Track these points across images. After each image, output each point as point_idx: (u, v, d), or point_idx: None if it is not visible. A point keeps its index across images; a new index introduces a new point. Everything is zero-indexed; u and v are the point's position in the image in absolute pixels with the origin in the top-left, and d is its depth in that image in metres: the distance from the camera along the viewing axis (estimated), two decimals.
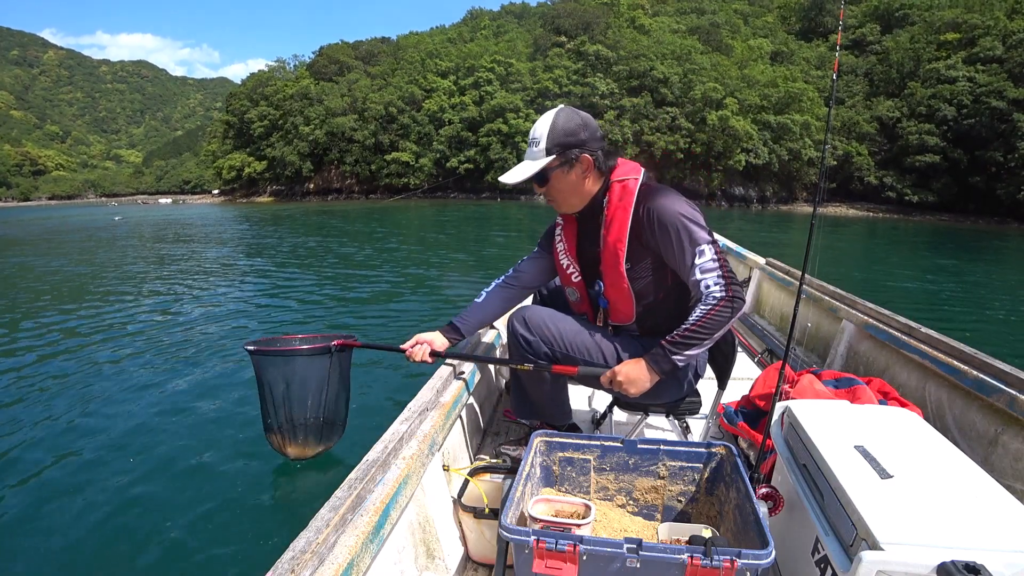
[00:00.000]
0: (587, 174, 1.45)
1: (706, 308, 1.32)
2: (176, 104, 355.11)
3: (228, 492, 3.16)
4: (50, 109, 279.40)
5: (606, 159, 1.46)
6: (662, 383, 1.47)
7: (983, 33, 41.56)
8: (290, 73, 72.17)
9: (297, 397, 2.05)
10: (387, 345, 1.87)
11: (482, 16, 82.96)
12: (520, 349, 1.56)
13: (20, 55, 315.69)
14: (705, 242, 1.34)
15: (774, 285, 3.57)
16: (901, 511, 0.93)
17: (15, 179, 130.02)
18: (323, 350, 1.94)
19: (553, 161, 1.42)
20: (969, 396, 1.71)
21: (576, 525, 1.14)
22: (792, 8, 62.67)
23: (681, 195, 1.43)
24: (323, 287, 9.63)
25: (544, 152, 1.42)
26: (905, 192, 41.79)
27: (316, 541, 0.92)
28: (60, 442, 3.88)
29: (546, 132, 1.41)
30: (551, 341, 1.53)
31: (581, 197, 1.49)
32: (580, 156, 1.41)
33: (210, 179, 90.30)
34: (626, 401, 1.63)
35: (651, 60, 49.32)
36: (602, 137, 1.46)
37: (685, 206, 1.38)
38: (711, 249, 1.33)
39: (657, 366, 1.38)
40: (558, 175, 1.45)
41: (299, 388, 2.03)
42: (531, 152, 1.45)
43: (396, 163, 55.29)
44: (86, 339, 6.52)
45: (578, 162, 1.42)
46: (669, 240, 1.36)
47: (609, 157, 1.47)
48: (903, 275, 12.01)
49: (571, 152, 1.40)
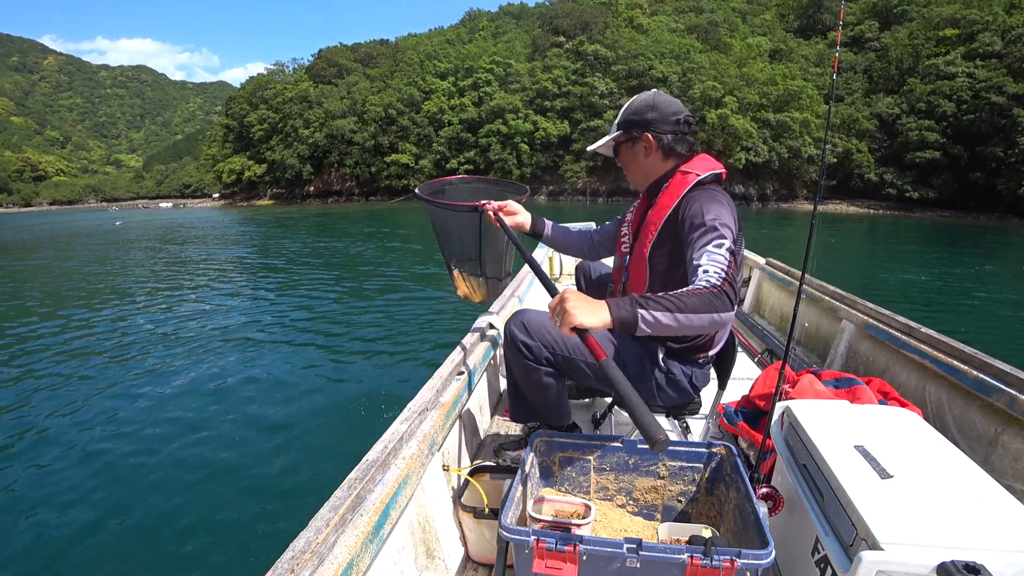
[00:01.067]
0: (650, 153, 1.52)
1: (692, 287, 1.21)
2: (176, 108, 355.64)
3: (228, 492, 3.16)
4: (50, 115, 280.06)
5: (677, 144, 1.50)
6: (654, 385, 1.50)
7: (982, 29, 41.52)
8: (289, 76, 72.36)
9: (456, 241, 2.06)
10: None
11: (480, 17, 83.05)
12: (520, 356, 1.54)
13: (20, 61, 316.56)
14: (727, 240, 1.30)
15: (774, 285, 3.57)
16: (901, 511, 0.93)
17: (16, 185, 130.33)
18: (471, 208, 1.89)
19: (620, 136, 1.55)
20: (969, 396, 1.71)
21: (576, 525, 1.13)
22: (790, 6, 62.68)
23: (731, 206, 1.40)
24: (326, 285, 9.64)
25: (616, 127, 1.56)
26: (905, 189, 41.75)
27: (316, 541, 0.92)
28: (55, 443, 3.88)
29: (622, 110, 1.56)
30: (552, 344, 1.52)
31: (645, 174, 1.57)
32: (643, 135, 1.50)
33: (210, 183, 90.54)
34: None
35: (650, 59, 49.37)
36: (677, 123, 1.48)
37: (725, 213, 1.36)
38: (728, 250, 1.28)
39: (616, 309, 1.16)
40: (625, 149, 1.57)
41: (457, 234, 2.04)
42: (613, 127, 1.60)
43: (396, 165, 55.38)
44: (109, 338, 6.54)
45: (641, 140, 1.51)
46: (693, 229, 1.35)
47: (679, 143, 1.50)
48: (903, 273, 12.00)
49: (635, 130, 1.51)
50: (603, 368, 1.09)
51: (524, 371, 1.55)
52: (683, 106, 1.53)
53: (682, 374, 1.53)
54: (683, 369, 1.54)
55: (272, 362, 5.58)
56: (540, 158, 50.99)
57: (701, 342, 1.52)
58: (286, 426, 4.03)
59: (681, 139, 1.49)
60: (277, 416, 4.21)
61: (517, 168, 51.04)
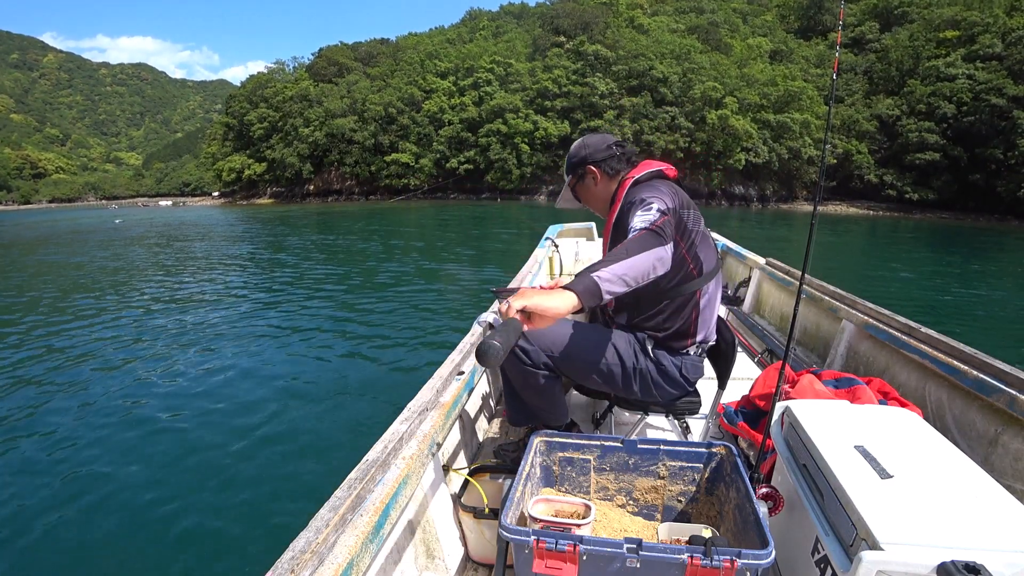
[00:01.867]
0: (598, 180, 1.66)
1: (628, 238, 1.30)
2: (176, 107, 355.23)
3: (228, 492, 3.16)
4: (50, 112, 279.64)
5: (616, 164, 1.63)
6: (637, 383, 1.55)
7: (982, 30, 41.53)
8: (289, 75, 72.20)
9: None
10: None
11: (481, 17, 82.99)
12: (518, 361, 1.54)
13: (20, 58, 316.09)
14: (655, 205, 1.37)
15: (774, 285, 3.57)
16: (901, 511, 0.93)
17: (15, 182, 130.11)
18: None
19: (571, 180, 1.71)
20: (969, 396, 1.71)
21: (576, 525, 1.13)
22: (791, 7, 62.64)
23: (670, 190, 1.48)
24: (326, 284, 9.64)
25: (566, 176, 1.73)
26: (905, 190, 41.77)
27: (316, 541, 0.92)
28: (51, 440, 3.88)
29: (565, 161, 1.73)
30: (550, 347, 1.53)
31: (602, 199, 1.69)
32: (586, 168, 1.65)
33: (210, 181, 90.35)
34: (588, 387, 1.69)
35: (650, 60, 49.34)
36: (609, 147, 1.63)
37: (658, 194, 1.43)
38: (658, 210, 1.35)
39: (576, 284, 1.16)
40: (580, 189, 1.71)
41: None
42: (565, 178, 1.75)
43: (396, 164, 55.32)
44: (119, 329, 6.53)
45: (587, 174, 1.66)
46: (630, 212, 1.41)
47: (618, 160, 1.63)
48: (901, 273, 12.01)
49: (579, 169, 1.67)
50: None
51: (522, 375, 1.56)
52: (611, 135, 1.68)
53: (672, 365, 1.57)
54: (672, 360, 1.57)
55: (272, 362, 5.58)
56: (540, 158, 50.96)
57: (682, 328, 1.55)
58: (285, 426, 4.03)
59: (618, 159, 1.63)
60: (276, 416, 4.20)
61: (517, 168, 51.02)
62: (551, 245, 4.59)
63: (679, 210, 1.46)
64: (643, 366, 1.56)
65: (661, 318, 1.55)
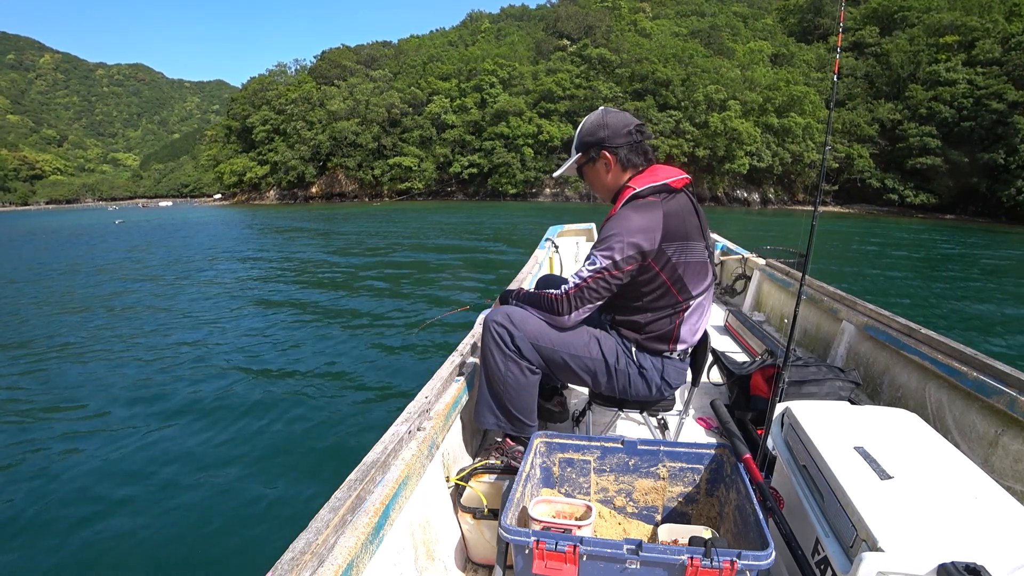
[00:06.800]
0: (610, 169, 1.60)
1: (553, 291, 1.54)
2: (173, 107, 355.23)
3: (228, 493, 3.16)
4: (46, 113, 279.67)
5: (633, 155, 1.57)
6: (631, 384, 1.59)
7: (982, 35, 41.64)
8: (292, 77, 72.22)
9: None
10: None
11: (482, 19, 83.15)
12: (503, 346, 1.53)
13: (16, 59, 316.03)
14: (602, 252, 1.44)
15: (774, 286, 3.57)
16: (901, 512, 0.93)
17: (13, 184, 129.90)
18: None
19: (581, 158, 1.63)
20: (969, 397, 1.71)
21: (576, 526, 1.13)
22: (790, 9, 62.79)
23: (649, 216, 1.44)
24: (327, 283, 9.64)
25: (575, 149, 1.64)
26: (906, 194, 41.83)
27: (316, 542, 0.92)
28: (58, 442, 3.87)
29: (577, 133, 1.64)
30: (536, 336, 1.54)
31: (608, 188, 1.64)
32: (600, 153, 1.58)
33: (209, 183, 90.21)
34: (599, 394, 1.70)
35: (653, 63, 49.43)
36: (629, 134, 1.56)
37: (629, 225, 1.43)
38: (601, 261, 1.44)
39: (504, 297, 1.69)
40: (587, 170, 1.65)
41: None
42: (572, 150, 1.68)
43: (399, 167, 55.31)
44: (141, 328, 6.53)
45: (599, 158, 1.59)
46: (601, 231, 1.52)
47: (635, 154, 1.58)
48: (900, 273, 12.02)
49: (592, 150, 1.59)
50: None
51: (504, 363, 1.54)
52: (632, 117, 1.60)
53: (653, 368, 1.58)
54: (653, 362, 1.58)
55: (272, 360, 5.57)
56: (543, 163, 51.03)
57: (664, 333, 1.55)
58: (285, 426, 4.03)
59: (636, 149, 1.58)
60: (275, 416, 4.20)
61: (521, 171, 51.06)
62: (551, 246, 4.60)
63: (654, 250, 1.43)
64: (623, 367, 1.57)
65: (643, 322, 1.56)
